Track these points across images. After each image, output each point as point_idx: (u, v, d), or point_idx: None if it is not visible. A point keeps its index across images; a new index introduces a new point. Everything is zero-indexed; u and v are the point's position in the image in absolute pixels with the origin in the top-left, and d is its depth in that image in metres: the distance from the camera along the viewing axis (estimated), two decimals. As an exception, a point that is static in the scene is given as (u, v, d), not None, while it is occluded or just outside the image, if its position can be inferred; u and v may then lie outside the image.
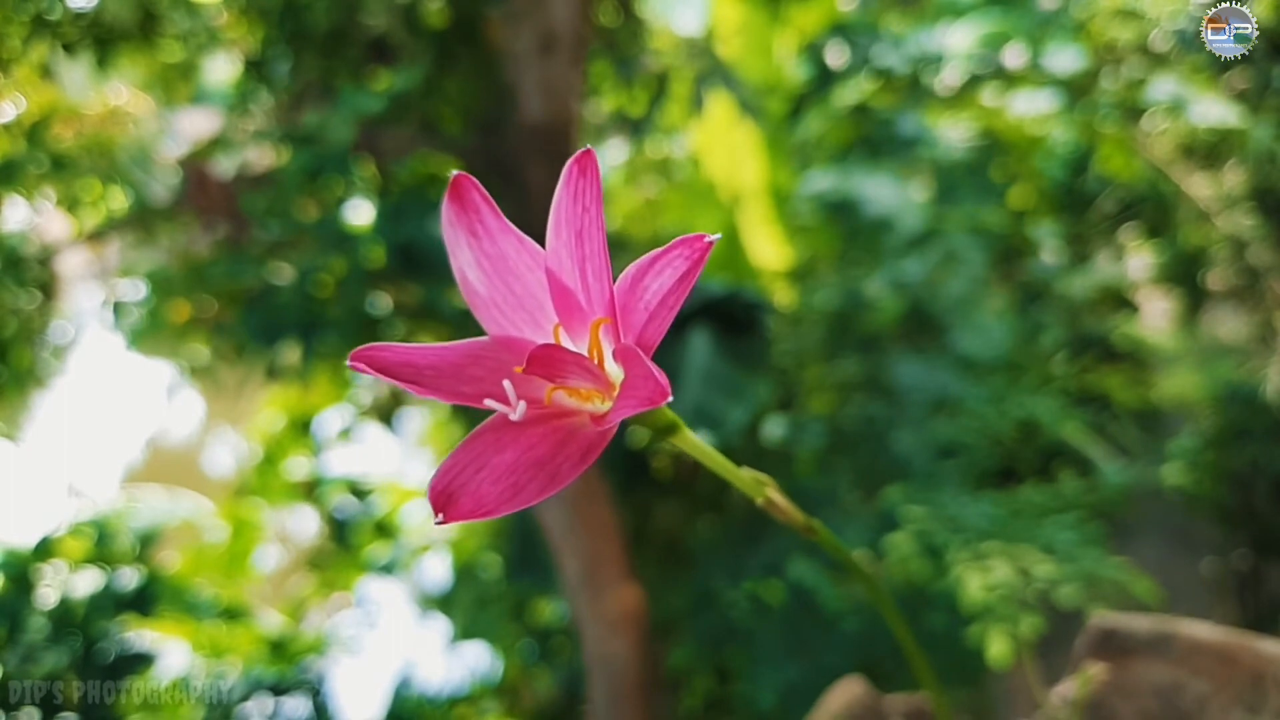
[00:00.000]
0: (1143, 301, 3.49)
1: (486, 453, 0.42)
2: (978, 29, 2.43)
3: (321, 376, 2.31)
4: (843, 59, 2.49)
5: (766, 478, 0.54)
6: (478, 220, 0.47)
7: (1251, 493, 2.65)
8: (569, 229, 0.44)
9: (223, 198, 2.25)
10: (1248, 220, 2.98)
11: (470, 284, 0.47)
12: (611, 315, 0.43)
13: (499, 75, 1.94)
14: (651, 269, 0.42)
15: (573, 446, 0.43)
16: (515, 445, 0.42)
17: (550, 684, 2.46)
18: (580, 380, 0.43)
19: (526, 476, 0.42)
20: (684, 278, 0.40)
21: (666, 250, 0.41)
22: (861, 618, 1.83)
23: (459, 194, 0.46)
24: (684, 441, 0.49)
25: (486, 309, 0.47)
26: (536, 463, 0.42)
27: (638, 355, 0.40)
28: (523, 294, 0.47)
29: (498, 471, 0.42)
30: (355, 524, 2.66)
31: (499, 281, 0.47)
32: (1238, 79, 2.55)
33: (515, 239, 0.47)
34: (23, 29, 1.80)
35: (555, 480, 0.42)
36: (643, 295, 0.42)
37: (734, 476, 0.53)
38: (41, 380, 2.28)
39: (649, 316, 0.42)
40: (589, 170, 0.43)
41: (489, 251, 0.47)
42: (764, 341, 2.17)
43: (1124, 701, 0.73)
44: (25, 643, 1.94)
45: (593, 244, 0.43)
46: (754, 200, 2.46)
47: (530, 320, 0.47)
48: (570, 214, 0.43)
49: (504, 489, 0.41)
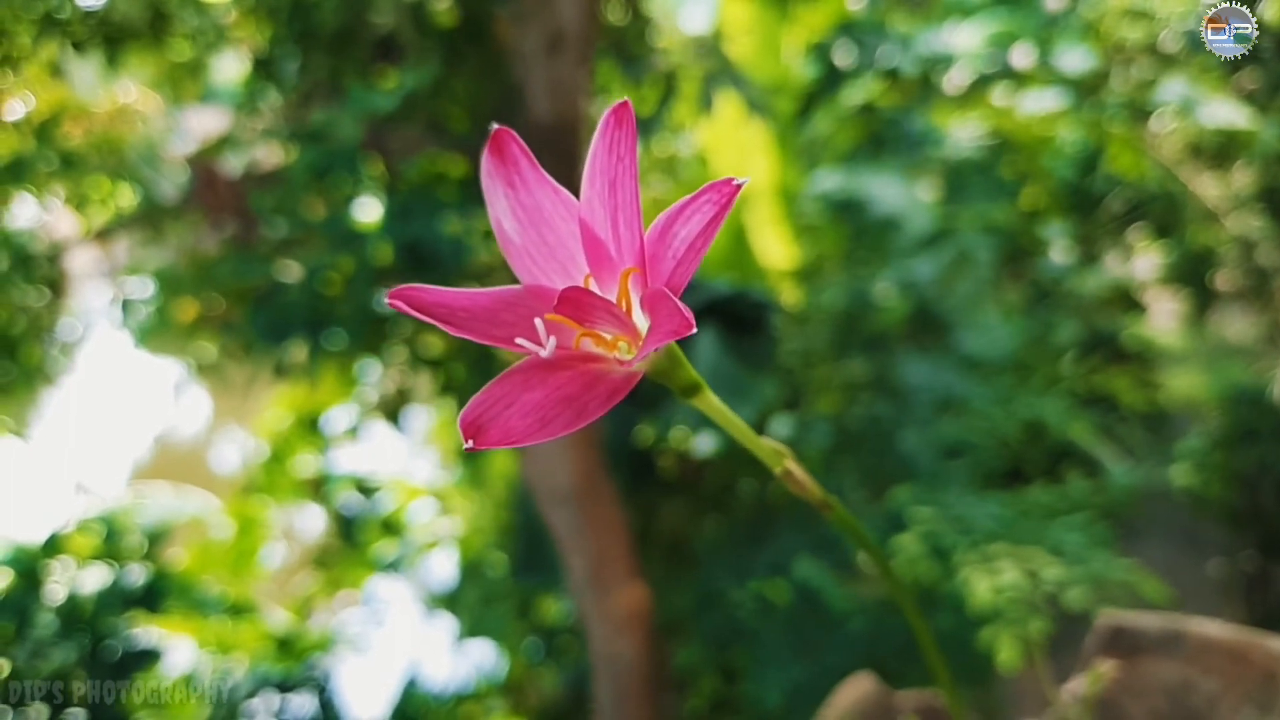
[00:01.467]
0: (1151, 302, 3.48)
1: (515, 391, 0.43)
2: (986, 28, 2.43)
3: (329, 374, 2.32)
4: (850, 58, 2.49)
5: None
6: (515, 172, 0.48)
7: (1259, 493, 2.64)
8: (603, 178, 0.45)
9: (231, 196, 2.26)
10: (1256, 221, 2.97)
11: (506, 233, 0.48)
12: (641, 265, 0.44)
13: (506, 74, 1.95)
14: (680, 216, 0.43)
15: (600, 387, 0.44)
16: (544, 385, 0.44)
17: (556, 683, 2.46)
18: (608, 325, 0.45)
19: (554, 411, 0.43)
20: (712, 222, 0.41)
21: (696, 196, 0.42)
22: (867, 617, 1.83)
23: (499, 147, 0.47)
24: (705, 403, 0.50)
25: (520, 258, 0.48)
26: (565, 399, 0.43)
27: (664, 293, 0.41)
28: (555, 244, 0.48)
29: (526, 407, 0.43)
30: (362, 522, 2.66)
31: (533, 231, 0.48)
32: (1247, 79, 2.54)
33: (551, 190, 0.48)
34: (32, 27, 1.80)
35: (582, 415, 0.43)
36: (671, 243, 0.43)
37: (754, 444, 0.53)
38: (50, 377, 2.29)
39: (676, 263, 0.43)
40: (625, 122, 0.44)
41: (525, 202, 0.48)
42: (770, 341, 2.17)
43: (1134, 700, 0.73)
44: (34, 639, 1.94)
45: (625, 194, 0.44)
46: (761, 199, 2.46)
47: (562, 270, 0.48)
48: (605, 164, 0.44)
49: (532, 422, 0.43)
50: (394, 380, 2.50)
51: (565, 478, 1.87)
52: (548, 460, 1.87)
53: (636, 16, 2.43)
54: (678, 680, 2.26)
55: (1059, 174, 2.95)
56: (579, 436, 1.86)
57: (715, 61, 2.68)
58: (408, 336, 2.20)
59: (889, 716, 0.82)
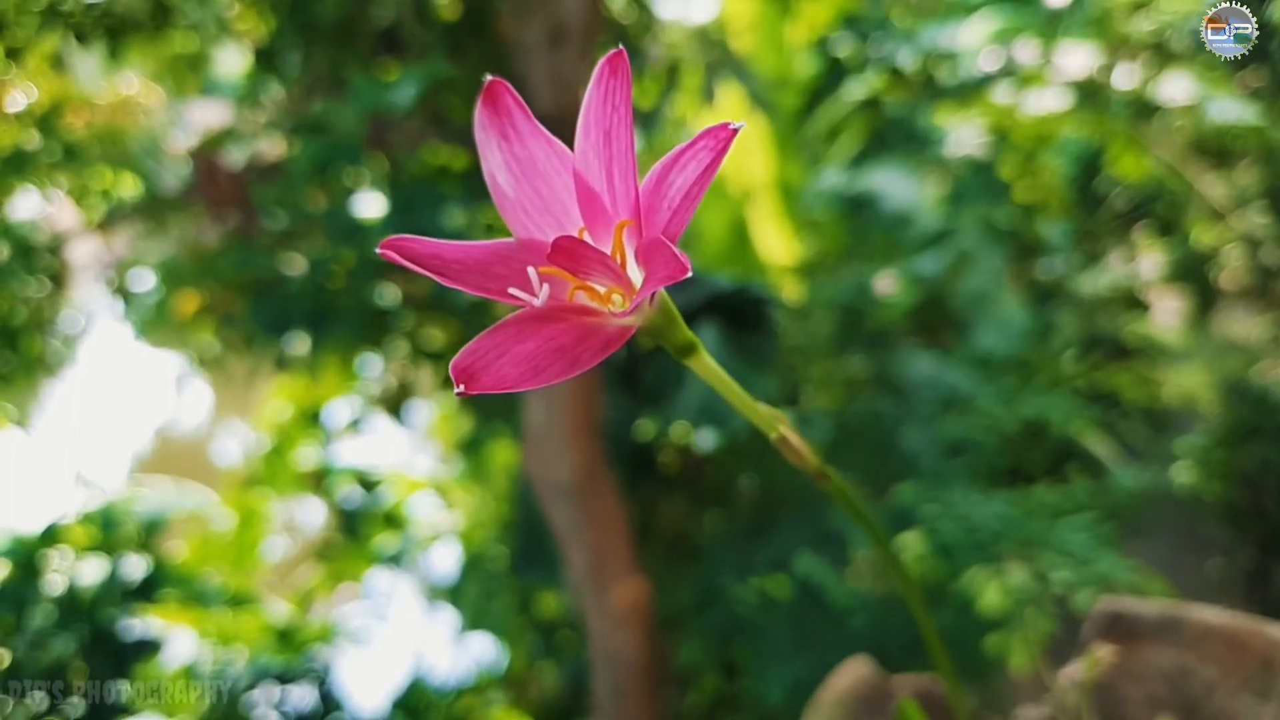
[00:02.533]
0: (1154, 300, 3.47)
1: (508, 341, 0.43)
2: (990, 25, 2.42)
3: (330, 367, 2.32)
4: (854, 53, 2.49)
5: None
6: (509, 123, 0.47)
7: (1261, 492, 2.64)
8: (598, 129, 0.44)
9: (233, 188, 2.26)
10: (1261, 219, 2.96)
11: (500, 187, 0.48)
12: (636, 217, 0.43)
13: (508, 67, 1.94)
14: (676, 164, 0.42)
15: (594, 339, 0.44)
16: (537, 336, 0.43)
17: (556, 677, 2.46)
18: (602, 277, 0.44)
19: (548, 360, 0.42)
20: (708, 169, 0.41)
21: (692, 143, 0.41)
22: (870, 613, 1.83)
23: (492, 98, 0.47)
24: (700, 364, 0.50)
25: (514, 212, 0.48)
26: (559, 349, 0.43)
27: (660, 240, 0.41)
28: (550, 198, 0.48)
29: (519, 356, 0.43)
30: (363, 515, 2.66)
31: (527, 184, 0.48)
32: (1251, 77, 2.54)
33: (545, 142, 0.47)
34: (35, 19, 1.80)
35: (575, 365, 0.43)
36: (667, 192, 0.42)
37: (750, 409, 0.53)
38: (51, 369, 2.29)
39: (673, 213, 0.42)
40: (620, 71, 0.43)
41: (519, 154, 0.47)
42: (772, 337, 2.17)
43: (1132, 685, 0.73)
44: (33, 630, 1.95)
45: (620, 144, 0.43)
46: (763, 194, 2.45)
47: (556, 224, 0.48)
48: (600, 114, 0.44)
49: (525, 370, 0.42)
50: (395, 373, 2.50)
51: (566, 472, 1.86)
52: (549, 454, 1.87)
53: (639, 9, 2.43)
54: (678, 676, 2.26)
55: (1062, 172, 2.95)
56: (580, 430, 1.85)
57: (718, 54, 2.68)
58: (409, 330, 2.20)
59: (886, 700, 0.82)
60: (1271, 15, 1.81)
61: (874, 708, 0.80)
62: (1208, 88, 2.21)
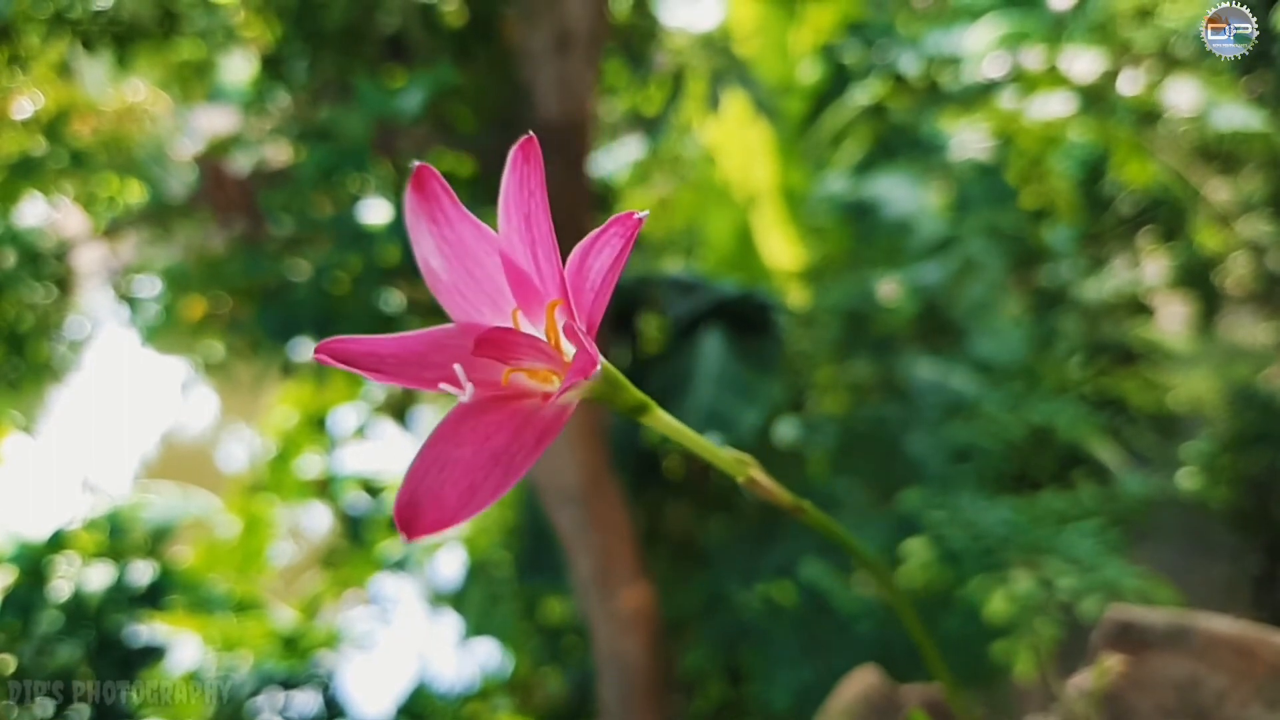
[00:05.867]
0: (1159, 305, 3.47)
1: (447, 449, 0.42)
2: (995, 31, 2.42)
3: (336, 373, 2.32)
4: (858, 60, 2.49)
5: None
6: (437, 208, 0.48)
7: (1267, 497, 2.63)
8: (518, 213, 0.45)
9: (239, 194, 2.26)
10: (1266, 225, 2.96)
11: (433, 270, 0.48)
12: (564, 296, 0.44)
13: (515, 74, 1.95)
14: (593, 249, 0.43)
15: (529, 432, 0.43)
16: (473, 436, 0.43)
17: (561, 682, 2.46)
18: (534, 360, 0.44)
19: (483, 474, 0.42)
20: (620, 255, 0.41)
21: (604, 230, 0.42)
22: (876, 619, 1.82)
23: (420, 183, 0.48)
24: (656, 420, 0.50)
25: (449, 295, 0.48)
26: (493, 455, 0.42)
27: (574, 331, 0.41)
28: (483, 278, 0.48)
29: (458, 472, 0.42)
30: (368, 521, 2.66)
31: (459, 266, 0.48)
32: (1256, 83, 2.54)
33: (472, 225, 0.48)
34: (42, 26, 1.81)
35: (511, 473, 0.42)
36: (588, 275, 0.43)
37: (713, 456, 0.53)
38: (58, 375, 2.29)
39: (594, 295, 0.43)
40: (531, 156, 0.44)
41: (449, 238, 0.48)
42: (777, 342, 2.17)
43: (1141, 695, 0.72)
44: (39, 635, 1.95)
45: (540, 228, 0.44)
46: (768, 200, 2.45)
47: (491, 304, 0.48)
48: (518, 199, 0.44)
49: (463, 490, 0.41)
50: (401, 380, 2.50)
51: (572, 477, 1.86)
52: (555, 460, 1.87)
53: (645, 16, 2.44)
54: (684, 681, 2.26)
55: (1068, 177, 2.95)
56: (585, 436, 1.86)
57: (723, 60, 2.68)
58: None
59: (894, 710, 0.81)
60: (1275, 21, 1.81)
61: (882, 717, 0.80)
62: (1213, 94, 2.20)
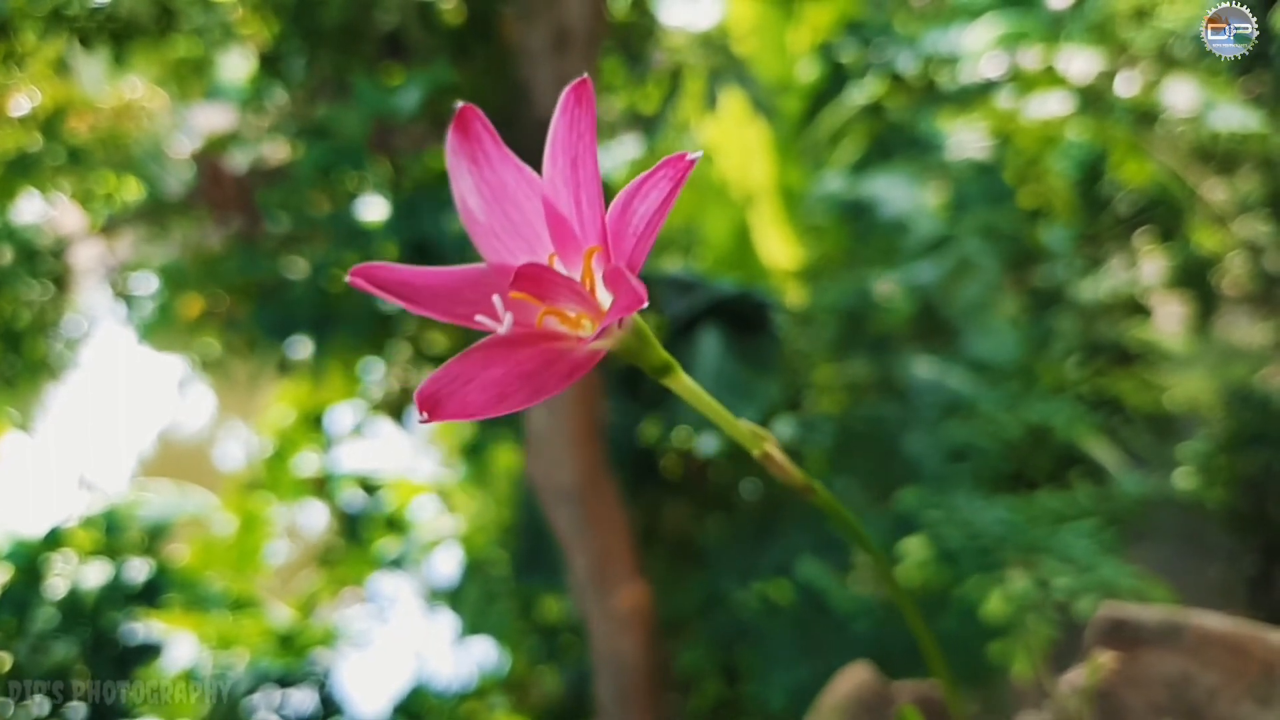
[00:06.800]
0: (1156, 305, 3.47)
1: (474, 368, 0.43)
2: (993, 30, 2.42)
3: (333, 371, 2.32)
4: (856, 59, 2.49)
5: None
6: (479, 148, 0.47)
7: (1264, 498, 2.64)
8: (565, 156, 0.45)
9: (237, 192, 2.26)
10: (1264, 226, 2.96)
11: (470, 211, 0.48)
12: (604, 243, 0.44)
13: (513, 72, 1.95)
14: (639, 192, 0.43)
15: (561, 364, 0.44)
16: (504, 362, 0.43)
17: (558, 681, 2.46)
18: (569, 303, 0.44)
19: (513, 387, 0.43)
20: (668, 197, 0.41)
21: (652, 172, 0.42)
22: (873, 618, 1.82)
23: (463, 123, 0.47)
24: (679, 384, 0.50)
25: (485, 237, 0.48)
26: (524, 375, 0.43)
27: (620, 270, 0.41)
28: (520, 222, 0.48)
29: (485, 383, 0.43)
30: (365, 519, 2.66)
31: (498, 209, 0.48)
32: (1253, 83, 2.54)
33: (514, 167, 0.48)
34: (39, 23, 1.81)
35: (540, 391, 0.43)
36: (631, 220, 0.43)
37: (731, 427, 0.53)
38: (54, 372, 2.30)
39: (636, 240, 0.43)
40: (584, 99, 0.44)
41: (489, 179, 0.48)
42: (774, 341, 2.17)
43: (1133, 692, 0.73)
44: (35, 633, 1.95)
45: (586, 171, 0.44)
46: (765, 199, 2.45)
47: (527, 248, 0.48)
48: (566, 141, 0.44)
49: (490, 396, 0.42)
50: (398, 378, 2.51)
51: (569, 476, 1.86)
52: (551, 458, 1.87)
53: (643, 14, 2.44)
54: (681, 680, 2.26)
55: (1065, 177, 2.95)
56: (583, 435, 1.85)
57: (721, 59, 2.68)
58: (411, 334, 2.20)
59: (886, 706, 0.82)
60: (1273, 21, 1.82)
61: (874, 713, 0.80)
62: (1210, 94, 2.21)
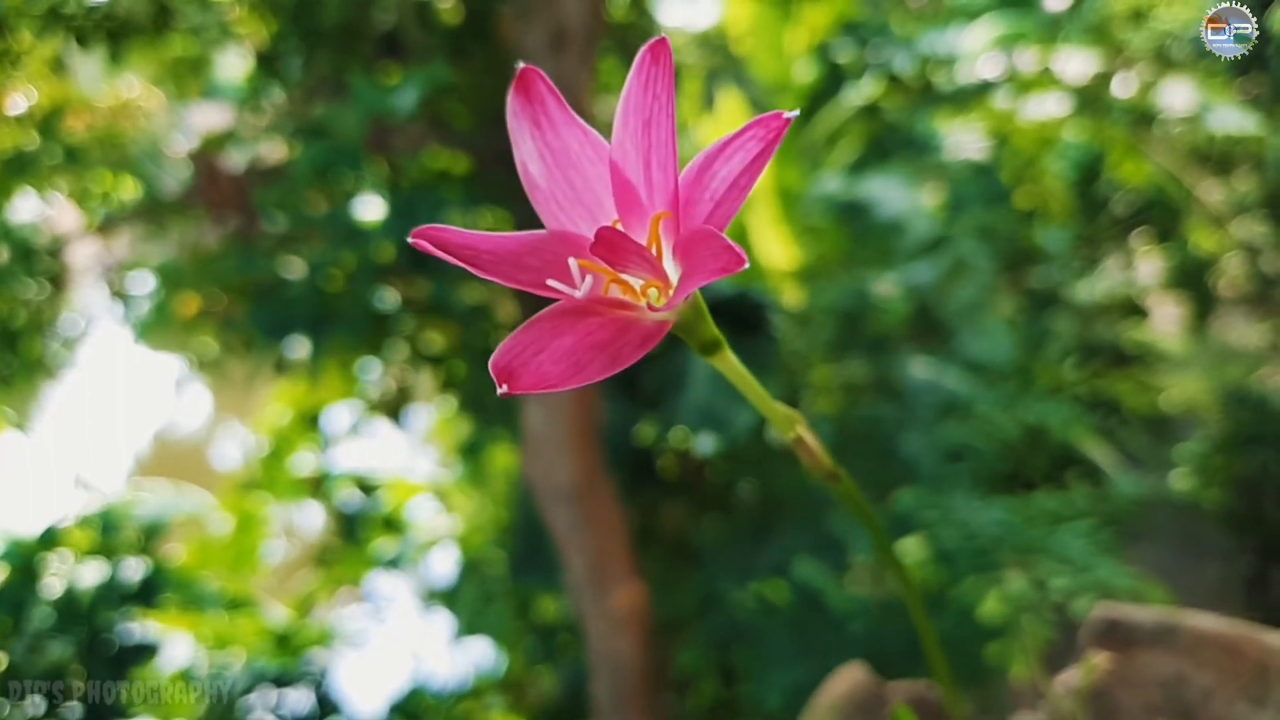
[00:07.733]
0: (1153, 306, 3.47)
1: (544, 337, 0.42)
2: (990, 31, 2.43)
3: (330, 371, 2.32)
4: (853, 60, 2.49)
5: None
6: (542, 111, 0.46)
7: (1260, 499, 2.64)
8: (637, 118, 0.43)
9: (234, 191, 2.26)
10: (1260, 227, 2.97)
11: (531, 176, 0.47)
12: (674, 210, 0.42)
13: (510, 71, 1.95)
14: (722, 154, 0.41)
15: (632, 333, 0.43)
16: (574, 331, 0.42)
17: (555, 681, 2.46)
18: (640, 270, 0.43)
19: (588, 357, 0.42)
20: (758, 158, 0.40)
21: (741, 132, 0.40)
22: (869, 619, 1.83)
23: (525, 85, 0.46)
24: (725, 362, 0.49)
25: (546, 203, 0.47)
26: (597, 345, 0.42)
27: (711, 230, 0.40)
28: (583, 188, 0.46)
29: (558, 353, 0.42)
30: (362, 519, 2.66)
31: (560, 175, 0.46)
32: (1251, 84, 2.54)
33: (580, 131, 0.46)
34: (36, 22, 1.80)
35: (616, 362, 0.42)
36: (710, 183, 0.41)
37: (768, 408, 0.52)
38: (51, 371, 2.29)
39: (715, 205, 0.41)
40: (662, 58, 0.42)
41: (552, 144, 0.46)
42: (771, 342, 2.17)
43: (1128, 692, 0.73)
44: (30, 633, 1.94)
45: (661, 133, 0.42)
46: (763, 200, 2.45)
47: (589, 216, 0.46)
48: (640, 102, 0.43)
49: (566, 368, 0.41)
50: (395, 377, 2.51)
51: (566, 476, 1.86)
52: (548, 458, 1.87)
53: (641, 14, 2.44)
54: (678, 681, 2.26)
55: (1062, 178, 2.95)
56: (579, 434, 1.85)
57: (719, 59, 2.68)
58: (409, 333, 2.20)
59: (881, 706, 0.82)
60: (1272, 23, 1.82)
61: (869, 713, 0.81)
62: (1207, 95, 2.21)
